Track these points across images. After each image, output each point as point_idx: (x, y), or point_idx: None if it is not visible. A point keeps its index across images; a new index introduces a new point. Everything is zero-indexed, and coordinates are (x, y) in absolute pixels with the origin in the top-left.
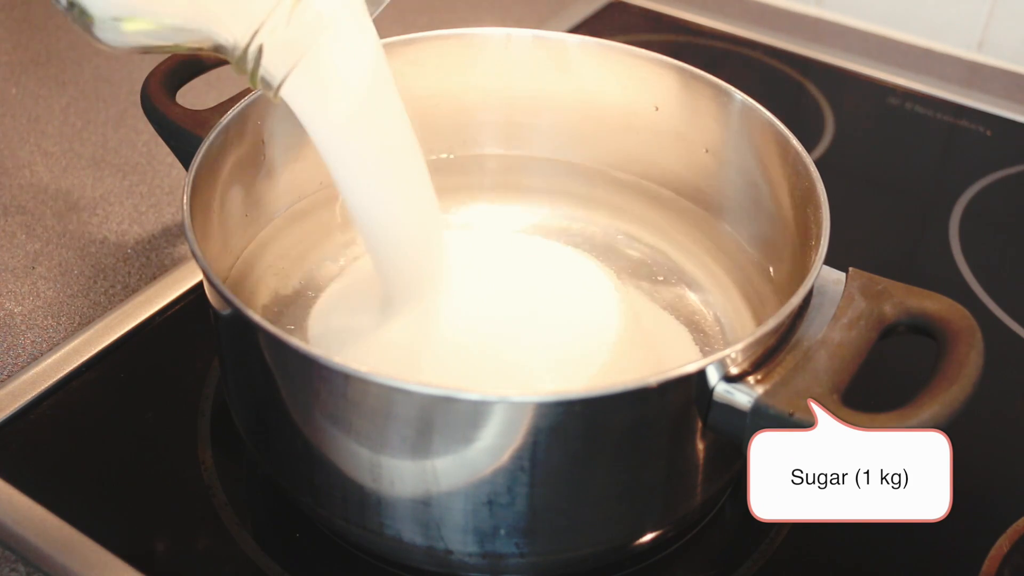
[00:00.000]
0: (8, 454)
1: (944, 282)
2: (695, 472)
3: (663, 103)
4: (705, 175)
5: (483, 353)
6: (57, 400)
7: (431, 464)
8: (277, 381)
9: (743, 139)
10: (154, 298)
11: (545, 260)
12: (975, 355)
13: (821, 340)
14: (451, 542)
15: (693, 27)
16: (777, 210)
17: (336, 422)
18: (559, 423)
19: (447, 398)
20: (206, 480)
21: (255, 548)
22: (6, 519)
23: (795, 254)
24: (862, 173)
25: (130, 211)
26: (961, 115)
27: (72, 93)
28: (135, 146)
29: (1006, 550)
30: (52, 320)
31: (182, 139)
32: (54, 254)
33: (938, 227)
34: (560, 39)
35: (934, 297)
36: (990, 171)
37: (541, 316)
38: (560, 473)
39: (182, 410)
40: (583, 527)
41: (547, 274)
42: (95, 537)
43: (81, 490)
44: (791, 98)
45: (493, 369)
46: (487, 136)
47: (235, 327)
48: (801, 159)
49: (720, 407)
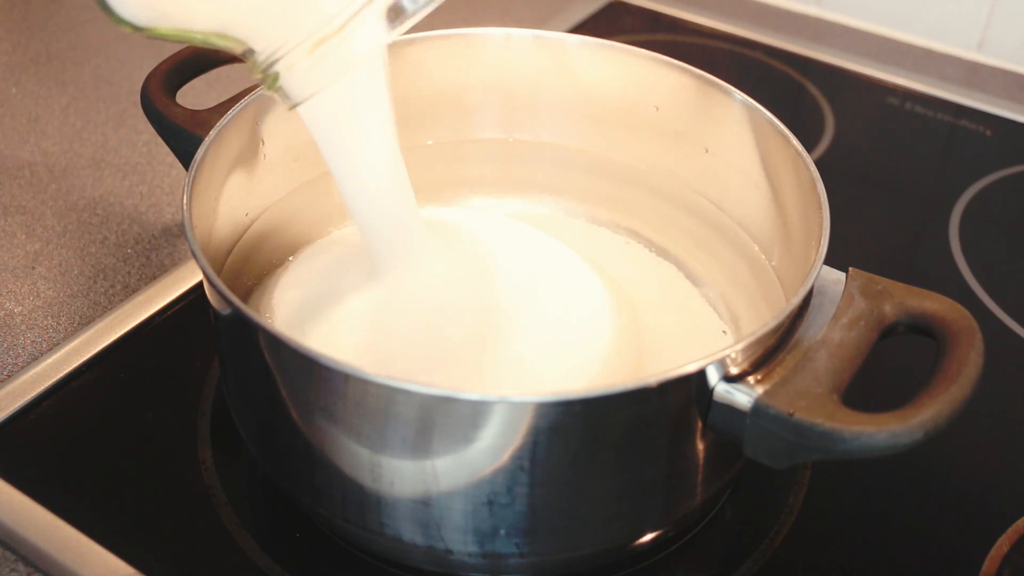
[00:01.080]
0: (8, 454)
1: (944, 282)
2: (695, 472)
3: (663, 103)
4: (705, 175)
5: (437, 339)
6: (57, 400)
7: (431, 464)
8: (277, 381)
9: (743, 139)
10: (154, 298)
11: (525, 248)
12: (975, 355)
13: (821, 340)
14: (451, 542)
15: (693, 27)
16: (777, 210)
17: (336, 422)
18: (559, 423)
19: (447, 398)
20: (206, 480)
21: (255, 548)
22: (6, 519)
23: (795, 254)
24: (862, 173)
25: (130, 211)
26: (961, 115)
27: (72, 93)
28: (135, 146)
29: (1006, 550)
30: (52, 320)
31: (182, 139)
32: (54, 254)
33: (938, 227)
34: (560, 39)
35: (934, 297)
36: (990, 171)
37: (507, 304)
38: (560, 473)
39: (182, 410)
40: (583, 527)
41: (525, 262)
42: (95, 537)
43: (81, 490)
44: (791, 98)
45: (442, 356)
46: (487, 134)
47: (235, 327)
48: (801, 159)
49: (720, 407)
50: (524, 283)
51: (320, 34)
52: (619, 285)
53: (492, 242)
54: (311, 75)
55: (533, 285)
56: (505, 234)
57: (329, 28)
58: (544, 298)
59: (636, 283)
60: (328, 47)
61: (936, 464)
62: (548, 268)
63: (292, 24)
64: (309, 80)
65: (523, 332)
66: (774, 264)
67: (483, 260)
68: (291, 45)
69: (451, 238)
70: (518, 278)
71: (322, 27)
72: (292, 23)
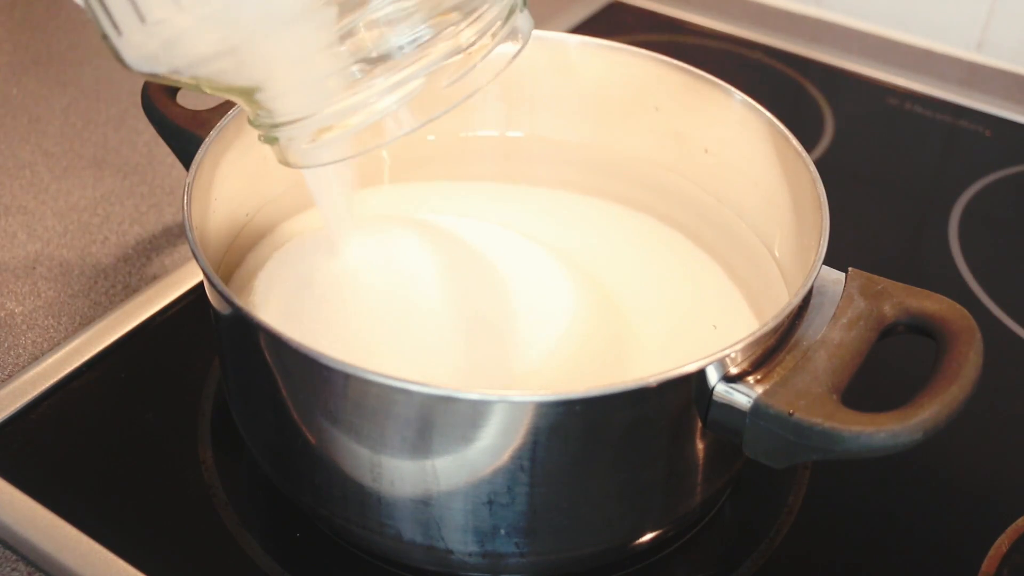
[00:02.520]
0: (9, 454)
1: (943, 282)
2: (695, 472)
3: (663, 103)
4: (705, 175)
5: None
6: (58, 400)
7: (431, 463)
8: (277, 381)
9: (743, 139)
10: (155, 298)
11: (492, 245)
12: (974, 355)
13: (821, 340)
14: (451, 541)
15: (693, 28)
16: (776, 210)
17: (336, 421)
18: (559, 422)
19: (447, 397)
20: (207, 479)
21: (255, 547)
22: (7, 519)
23: (794, 254)
24: (861, 173)
25: (131, 211)
26: (960, 115)
27: (73, 93)
28: (136, 146)
29: (1005, 549)
30: (53, 320)
31: (183, 139)
32: (55, 254)
33: (937, 227)
34: (560, 39)
35: (933, 297)
36: (989, 171)
37: (471, 294)
38: (560, 472)
39: (183, 410)
40: (583, 526)
41: (490, 258)
42: (96, 537)
43: (82, 490)
44: (791, 98)
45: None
46: (486, 133)
47: (235, 327)
48: (801, 159)
49: (720, 407)
50: (488, 276)
51: (328, 123)
52: (595, 279)
53: (462, 239)
54: (308, 154)
55: (497, 279)
56: (475, 233)
57: (338, 121)
58: (507, 290)
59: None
60: (332, 136)
61: (935, 464)
62: (512, 263)
63: (303, 101)
64: (306, 155)
65: (486, 322)
66: (773, 264)
67: (448, 254)
68: (295, 118)
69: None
70: (481, 271)
71: (333, 118)
72: (305, 100)
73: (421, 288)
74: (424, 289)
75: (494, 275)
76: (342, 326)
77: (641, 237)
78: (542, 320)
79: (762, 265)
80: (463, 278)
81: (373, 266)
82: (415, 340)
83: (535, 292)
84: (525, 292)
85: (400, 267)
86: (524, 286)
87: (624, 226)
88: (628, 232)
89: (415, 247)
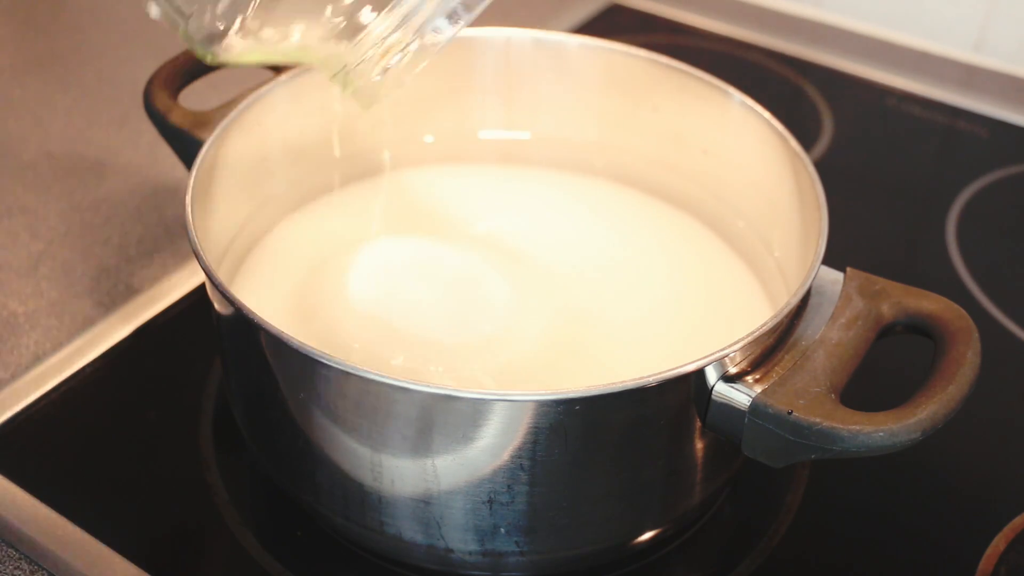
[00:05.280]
0: (11, 453)
1: (941, 282)
2: (694, 471)
3: (662, 105)
4: (704, 176)
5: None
6: (60, 399)
7: (431, 462)
8: (278, 380)
9: (742, 140)
10: (157, 298)
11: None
12: (972, 355)
13: (819, 340)
14: (451, 540)
15: (691, 29)
16: (775, 211)
17: (337, 420)
18: (558, 422)
19: (447, 396)
20: (208, 479)
21: (256, 546)
22: (10, 517)
23: (793, 254)
24: (860, 174)
25: (133, 212)
26: (958, 116)
27: (75, 94)
28: (138, 147)
29: (1002, 548)
30: (55, 320)
31: (184, 140)
32: (57, 254)
33: (935, 228)
34: (560, 41)
35: (931, 297)
36: (987, 172)
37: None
38: (560, 471)
39: (184, 409)
40: (583, 525)
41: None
42: (98, 535)
43: (84, 488)
44: (789, 100)
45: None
46: (487, 135)
47: (236, 327)
48: (800, 160)
49: (719, 406)
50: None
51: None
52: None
53: (444, 257)
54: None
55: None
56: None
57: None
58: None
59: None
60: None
61: (933, 463)
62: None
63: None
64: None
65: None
66: (771, 264)
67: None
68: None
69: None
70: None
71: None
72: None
73: (413, 288)
74: (414, 288)
75: (471, 283)
76: (342, 323)
77: (645, 226)
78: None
79: (761, 265)
80: (446, 283)
81: (370, 271)
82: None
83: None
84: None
85: (394, 272)
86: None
87: (626, 212)
88: (632, 218)
89: (408, 257)
